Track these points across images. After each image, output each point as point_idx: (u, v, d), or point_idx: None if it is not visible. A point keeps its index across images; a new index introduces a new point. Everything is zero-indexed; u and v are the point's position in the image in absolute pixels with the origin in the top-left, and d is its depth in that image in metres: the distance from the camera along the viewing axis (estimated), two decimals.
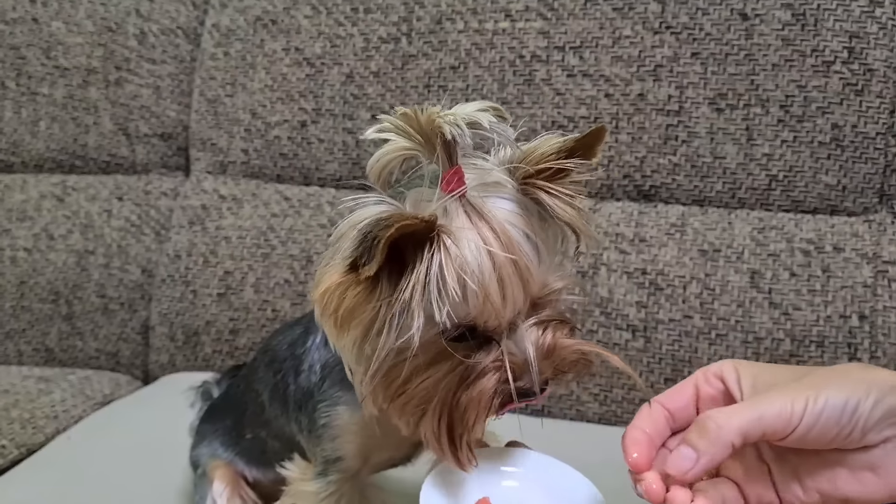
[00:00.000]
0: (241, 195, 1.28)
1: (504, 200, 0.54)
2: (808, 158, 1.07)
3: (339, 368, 0.64)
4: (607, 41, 1.12)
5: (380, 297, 0.52)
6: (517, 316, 0.55)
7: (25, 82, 1.37)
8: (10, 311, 1.33)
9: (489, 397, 0.54)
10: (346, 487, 0.68)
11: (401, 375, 0.55)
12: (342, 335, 0.56)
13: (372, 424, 0.64)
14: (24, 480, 0.98)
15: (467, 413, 0.55)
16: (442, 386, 0.55)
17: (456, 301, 0.51)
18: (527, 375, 0.55)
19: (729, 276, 1.06)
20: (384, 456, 0.71)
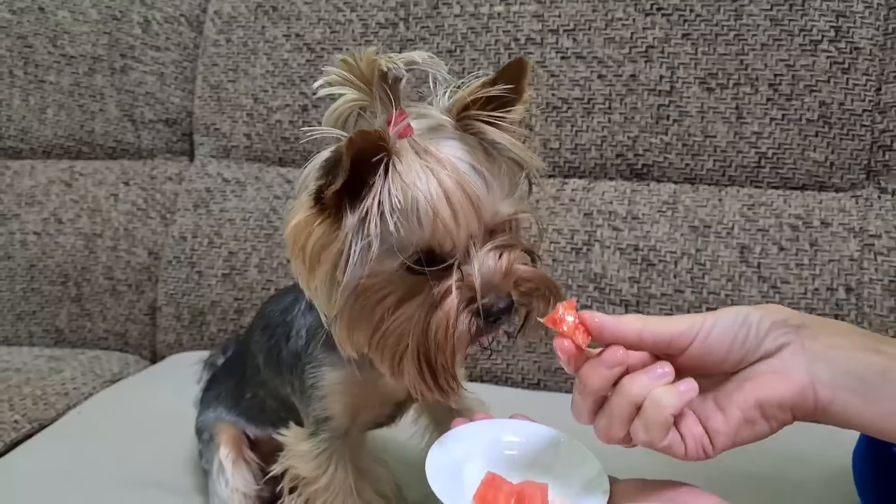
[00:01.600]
0: (245, 178, 1.31)
1: (448, 140, 0.59)
2: (797, 136, 1.10)
3: (322, 331, 0.67)
4: (600, 23, 1.15)
5: (344, 226, 0.56)
6: (473, 241, 0.58)
7: (33, 70, 1.41)
8: (20, 293, 1.37)
9: (455, 314, 0.57)
10: (336, 445, 0.71)
11: (375, 315, 0.59)
12: (312, 274, 0.59)
13: (355, 382, 0.68)
14: (36, 453, 1.02)
15: (439, 335, 0.58)
16: (414, 319, 0.58)
17: (408, 219, 0.55)
18: (490, 293, 0.58)
19: (719, 251, 1.09)
20: (370, 414, 0.74)
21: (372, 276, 0.58)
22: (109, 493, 0.90)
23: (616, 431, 0.54)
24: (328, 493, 0.71)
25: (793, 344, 0.55)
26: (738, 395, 0.55)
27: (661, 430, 0.53)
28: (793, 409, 0.54)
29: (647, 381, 0.53)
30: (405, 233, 0.56)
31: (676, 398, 0.52)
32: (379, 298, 0.59)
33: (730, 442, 0.55)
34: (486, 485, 0.57)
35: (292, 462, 0.72)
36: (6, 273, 1.37)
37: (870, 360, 0.54)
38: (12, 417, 1.07)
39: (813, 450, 0.93)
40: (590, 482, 0.58)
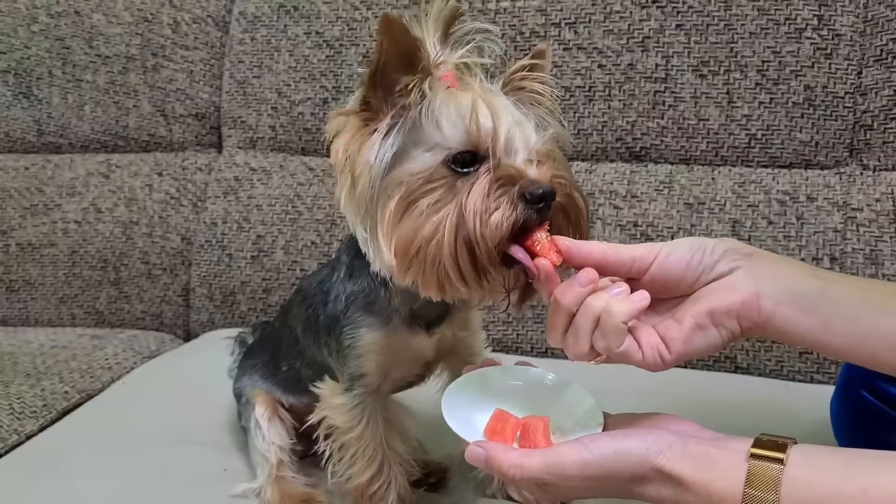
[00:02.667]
0: (270, 167, 1.40)
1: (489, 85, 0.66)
2: (784, 118, 1.17)
3: (361, 297, 0.75)
4: (599, 16, 1.23)
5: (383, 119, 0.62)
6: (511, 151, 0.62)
7: (70, 70, 1.49)
8: (63, 278, 1.46)
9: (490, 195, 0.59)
10: (368, 400, 0.77)
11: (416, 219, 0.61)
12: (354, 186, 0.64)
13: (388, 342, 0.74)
14: (88, 418, 1.11)
15: (476, 218, 0.58)
16: (452, 211, 0.60)
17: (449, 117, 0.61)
18: (526, 179, 0.60)
19: (713, 226, 1.16)
20: (401, 372, 0.80)
21: (413, 174, 0.61)
22: (156, 449, 0.98)
23: (582, 346, 0.60)
24: (361, 443, 0.77)
25: (743, 268, 0.61)
26: (692, 307, 0.61)
27: (615, 337, 0.58)
28: (738, 317, 0.60)
29: (605, 296, 0.59)
30: (447, 130, 0.61)
31: (628, 306, 0.58)
32: (419, 197, 0.61)
33: (684, 349, 0.61)
34: (495, 419, 0.64)
35: (328, 413, 0.78)
36: (49, 259, 1.46)
37: (810, 282, 0.61)
38: (62, 389, 1.16)
39: (793, 405, 1.01)
40: (586, 415, 0.65)
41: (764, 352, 1.12)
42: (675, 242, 0.63)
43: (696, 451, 0.57)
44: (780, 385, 1.10)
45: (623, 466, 0.57)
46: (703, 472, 0.56)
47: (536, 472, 0.58)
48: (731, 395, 1.05)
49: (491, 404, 0.66)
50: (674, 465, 0.56)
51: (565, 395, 0.68)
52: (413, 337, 0.76)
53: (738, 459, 0.56)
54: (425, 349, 0.78)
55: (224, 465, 0.94)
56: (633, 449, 0.57)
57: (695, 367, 1.15)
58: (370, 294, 0.74)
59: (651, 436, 0.58)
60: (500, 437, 0.63)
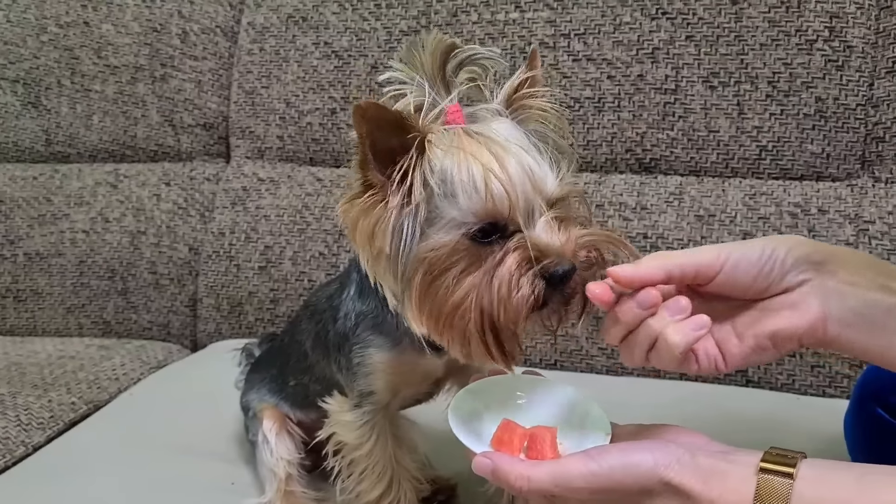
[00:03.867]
0: (278, 177, 1.40)
1: (501, 120, 0.64)
2: (795, 129, 1.16)
3: (371, 317, 0.74)
4: (609, 28, 1.22)
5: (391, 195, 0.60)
6: (531, 212, 0.61)
7: (79, 80, 1.49)
8: (70, 287, 1.46)
9: (516, 273, 0.59)
10: (377, 417, 0.77)
11: (441, 289, 0.61)
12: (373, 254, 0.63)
13: (398, 363, 0.74)
14: (95, 429, 1.10)
15: (503, 298, 0.59)
16: (479, 285, 0.60)
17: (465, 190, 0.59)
18: (551, 257, 0.59)
19: (723, 238, 1.15)
20: (410, 391, 0.80)
21: (434, 250, 0.60)
22: (163, 461, 0.97)
23: (637, 360, 0.60)
24: (370, 460, 0.77)
25: (812, 281, 0.60)
26: (755, 326, 0.60)
27: (670, 362, 0.59)
28: (801, 339, 0.60)
29: (666, 316, 0.58)
30: (463, 203, 0.59)
31: (685, 337, 0.58)
32: (444, 270, 0.61)
33: (742, 363, 0.61)
34: (502, 429, 0.64)
35: (337, 429, 0.77)
36: (57, 269, 1.46)
37: (879, 298, 0.59)
38: (70, 399, 1.16)
39: (805, 419, 1.00)
40: (594, 426, 0.64)
41: (776, 365, 1.11)
42: (744, 247, 0.61)
43: (705, 464, 0.57)
44: (792, 399, 1.09)
45: (631, 479, 0.57)
46: (712, 486, 0.55)
47: (543, 483, 0.58)
48: (742, 408, 1.04)
49: (498, 414, 0.66)
50: (682, 478, 0.56)
51: (573, 405, 0.68)
52: (422, 358, 0.75)
53: (747, 473, 0.55)
54: (435, 368, 0.78)
55: (232, 479, 0.94)
56: (641, 462, 0.57)
57: (706, 380, 1.14)
58: (378, 315, 0.74)
59: (659, 449, 0.58)
60: (507, 448, 0.63)
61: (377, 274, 0.67)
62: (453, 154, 0.60)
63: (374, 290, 0.72)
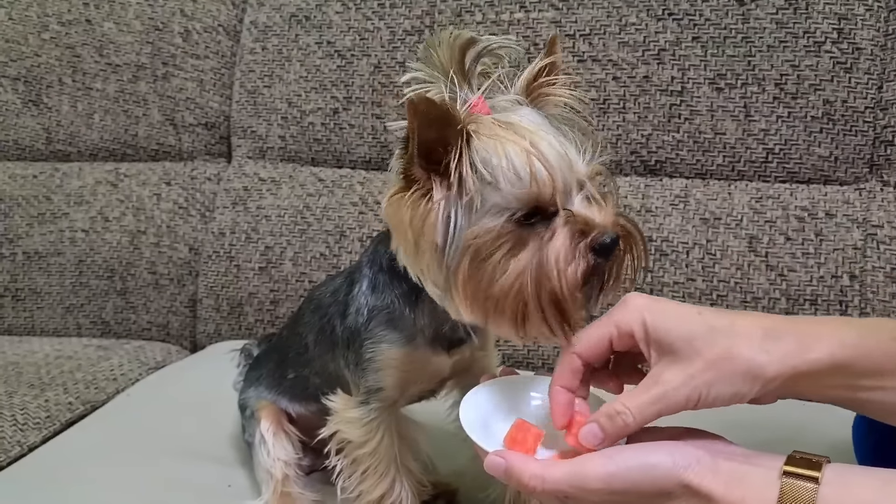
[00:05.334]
0: (280, 178, 1.38)
1: (523, 108, 0.65)
2: (802, 132, 1.15)
3: (385, 312, 0.73)
4: (614, 28, 1.21)
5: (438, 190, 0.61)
6: (568, 192, 0.62)
7: (80, 78, 1.48)
8: (69, 287, 1.44)
9: (569, 250, 0.60)
10: (384, 415, 0.76)
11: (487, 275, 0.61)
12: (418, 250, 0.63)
13: (409, 359, 0.73)
14: (91, 430, 1.09)
15: (558, 276, 0.60)
16: (530, 265, 0.61)
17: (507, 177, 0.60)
18: (597, 229, 0.61)
19: (729, 241, 1.14)
20: (417, 388, 0.79)
21: (479, 237, 0.61)
22: (159, 463, 0.96)
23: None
24: (374, 458, 0.76)
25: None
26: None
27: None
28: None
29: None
30: (506, 189, 0.60)
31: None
32: (489, 255, 0.61)
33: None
34: (516, 429, 0.63)
35: (341, 426, 0.76)
36: (56, 269, 1.45)
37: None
38: (67, 400, 1.15)
39: (812, 424, 0.98)
40: None
41: None
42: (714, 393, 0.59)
43: (726, 466, 0.55)
44: (799, 404, 1.06)
45: (649, 480, 0.56)
46: (733, 490, 0.54)
47: (558, 483, 0.57)
48: (747, 414, 1.01)
49: (511, 414, 0.65)
50: (702, 480, 0.54)
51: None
52: (434, 356, 0.75)
53: (769, 477, 0.54)
54: (444, 367, 0.77)
55: (229, 481, 0.93)
56: (659, 463, 0.55)
57: None
58: (394, 311, 0.73)
59: (679, 450, 0.56)
60: (522, 448, 0.62)
61: (419, 267, 0.66)
62: (492, 142, 0.60)
63: (389, 285, 0.72)
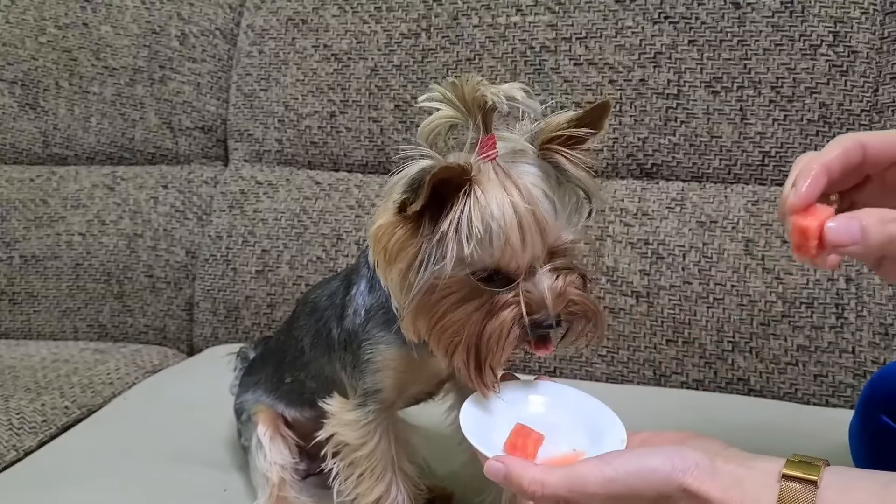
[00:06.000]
0: (276, 181, 1.39)
1: (527, 165, 0.63)
2: (798, 135, 1.15)
3: (381, 312, 0.74)
4: (611, 32, 1.21)
5: (421, 235, 0.62)
6: (535, 262, 0.63)
7: (77, 82, 1.49)
8: (66, 290, 1.45)
9: (509, 327, 0.63)
10: (381, 417, 0.76)
11: (438, 310, 0.65)
12: (390, 268, 0.65)
13: (407, 360, 0.73)
14: (87, 434, 1.09)
15: (491, 341, 0.63)
16: (471, 319, 0.64)
17: (482, 243, 0.61)
18: (542, 311, 0.63)
19: (725, 244, 1.14)
20: (415, 390, 0.79)
21: (443, 279, 0.63)
22: (155, 468, 0.96)
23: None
24: (370, 461, 0.76)
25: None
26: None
27: None
28: None
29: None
30: (477, 254, 0.61)
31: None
32: (444, 296, 0.64)
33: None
34: (516, 434, 0.63)
35: (338, 429, 0.76)
36: (53, 272, 1.45)
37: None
38: (63, 404, 1.15)
39: (808, 429, 0.99)
40: (608, 432, 0.63)
41: (778, 374, 1.10)
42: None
43: (724, 470, 0.55)
44: (794, 408, 1.08)
45: (647, 484, 0.56)
46: (731, 493, 0.54)
47: (558, 488, 0.57)
48: (744, 418, 1.03)
49: (510, 419, 0.65)
50: (700, 484, 0.54)
51: (587, 410, 0.67)
52: (431, 357, 0.74)
53: (768, 480, 0.54)
54: (441, 368, 0.77)
55: (225, 485, 0.92)
56: (658, 467, 0.55)
57: (706, 388, 1.13)
58: (390, 310, 0.73)
59: (677, 454, 0.56)
60: (522, 453, 0.62)
61: (386, 282, 0.68)
62: (483, 200, 0.61)
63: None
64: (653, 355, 1.15)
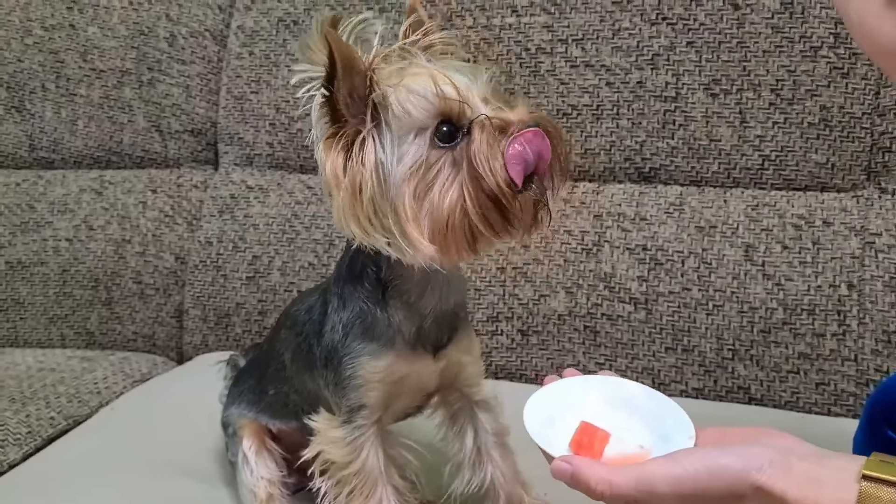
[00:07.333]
0: (267, 185, 1.36)
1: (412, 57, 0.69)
2: (799, 139, 1.13)
3: (359, 322, 0.72)
4: (607, 33, 1.19)
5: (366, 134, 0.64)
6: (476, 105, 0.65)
7: (64, 84, 1.46)
8: (53, 297, 1.42)
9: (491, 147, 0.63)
10: (368, 432, 0.74)
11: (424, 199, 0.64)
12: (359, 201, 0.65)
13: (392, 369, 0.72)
14: (73, 446, 1.07)
15: (493, 173, 0.62)
16: (458, 177, 0.63)
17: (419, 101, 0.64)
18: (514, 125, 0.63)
19: (725, 250, 1.12)
20: (402, 404, 0.77)
21: (413, 168, 0.64)
22: (143, 481, 0.94)
23: None
24: (359, 479, 0.74)
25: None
26: None
27: None
28: None
29: None
30: (418, 113, 0.64)
31: None
32: (430, 185, 0.64)
33: None
34: (581, 431, 0.61)
35: (325, 447, 0.75)
36: (40, 278, 1.42)
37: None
38: (48, 414, 1.13)
39: (811, 439, 0.97)
40: (676, 429, 0.62)
41: (779, 382, 1.08)
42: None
43: (799, 468, 0.54)
44: (797, 417, 1.06)
45: (719, 483, 0.54)
46: (808, 491, 0.52)
47: (626, 488, 0.55)
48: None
49: (574, 416, 0.63)
50: (776, 482, 0.53)
51: (653, 405, 0.65)
52: (418, 361, 0.73)
53: (846, 479, 0.52)
54: (430, 376, 0.76)
55: (213, 499, 0.90)
56: (730, 465, 0.54)
57: (706, 397, 1.12)
58: (366, 317, 0.72)
59: (749, 451, 0.55)
60: (587, 452, 0.60)
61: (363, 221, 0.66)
62: (396, 79, 0.65)
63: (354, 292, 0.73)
64: (651, 363, 1.13)
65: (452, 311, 0.75)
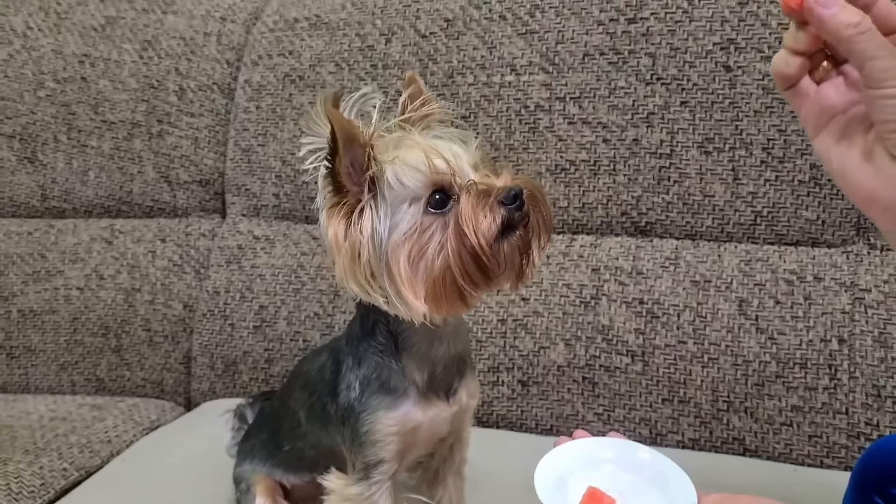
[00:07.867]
0: (274, 236, 1.39)
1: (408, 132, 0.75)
2: (790, 195, 1.16)
3: (374, 378, 0.76)
4: (604, 92, 1.23)
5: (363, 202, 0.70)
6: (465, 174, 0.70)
7: (76, 136, 1.50)
8: (64, 344, 1.45)
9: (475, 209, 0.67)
10: (384, 488, 0.77)
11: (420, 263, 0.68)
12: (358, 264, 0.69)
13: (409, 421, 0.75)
14: (84, 500, 1.09)
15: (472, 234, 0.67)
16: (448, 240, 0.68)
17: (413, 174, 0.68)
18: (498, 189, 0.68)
19: (719, 304, 1.15)
20: (415, 453, 0.80)
21: (408, 233, 0.68)
22: None
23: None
24: None
25: None
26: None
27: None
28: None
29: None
30: (411, 185, 0.69)
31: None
32: (423, 248, 0.68)
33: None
34: (589, 497, 0.64)
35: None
36: (51, 326, 1.45)
37: None
38: (61, 465, 1.15)
39: (803, 492, 1.00)
40: (680, 492, 0.65)
41: (772, 434, 1.11)
42: None
43: None
44: (789, 469, 1.08)
45: None
46: None
47: None
48: (739, 480, 1.03)
49: (583, 479, 0.66)
50: None
51: (657, 470, 0.69)
52: (431, 408, 0.76)
53: None
54: (444, 422, 0.79)
55: None
56: None
57: (702, 447, 1.14)
58: (383, 372, 0.75)
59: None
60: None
61: (364, 282, 0.71)
62: (392, 154, 0.70)
63: (369, 348, 0.76)
64: (648, 414, 1.16)
65: (460, 356, 0.79)
